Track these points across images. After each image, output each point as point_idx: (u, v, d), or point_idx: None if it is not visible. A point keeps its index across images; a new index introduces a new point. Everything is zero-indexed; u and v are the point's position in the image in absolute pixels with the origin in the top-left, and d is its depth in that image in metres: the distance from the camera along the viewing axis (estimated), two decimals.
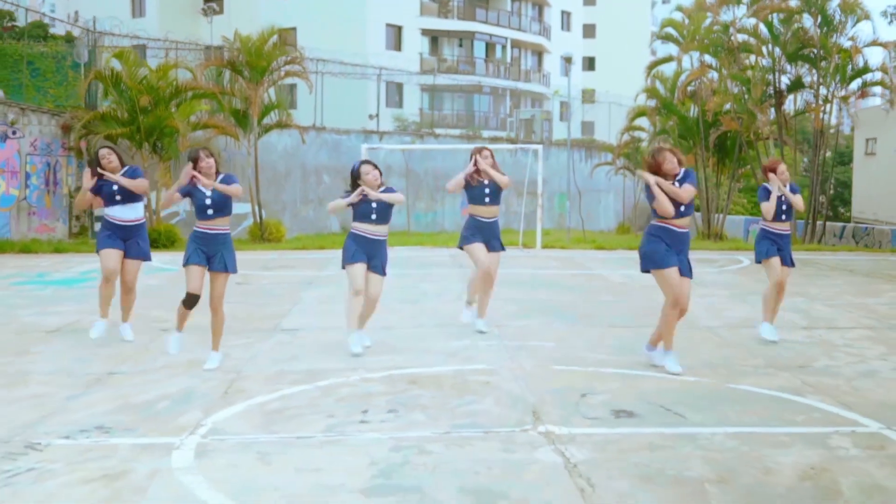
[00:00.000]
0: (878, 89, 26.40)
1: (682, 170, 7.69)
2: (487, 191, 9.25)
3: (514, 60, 55.64)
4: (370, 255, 8.35)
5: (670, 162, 7.58)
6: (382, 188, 8.45)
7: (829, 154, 26.60)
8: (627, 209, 38.78)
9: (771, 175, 9.05)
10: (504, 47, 54.99)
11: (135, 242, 8.98)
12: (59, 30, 37.45)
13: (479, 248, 9.25)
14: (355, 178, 8.39)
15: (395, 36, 48.91)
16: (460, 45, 53.61)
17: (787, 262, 9.15)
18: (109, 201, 8.83)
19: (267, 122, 24.25)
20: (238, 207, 26.54)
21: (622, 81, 53.77)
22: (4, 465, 5.03)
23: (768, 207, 9.00)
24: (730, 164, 29.27)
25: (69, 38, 29.69)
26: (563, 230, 27.66)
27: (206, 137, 22.96)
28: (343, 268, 8.43)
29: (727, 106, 27.32)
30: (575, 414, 6.16)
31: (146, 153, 21.35)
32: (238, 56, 23.24)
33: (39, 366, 7.75)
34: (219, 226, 7.62)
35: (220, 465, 5.09)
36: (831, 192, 26.79)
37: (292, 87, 33.90)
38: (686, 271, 7.74)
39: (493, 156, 9.36)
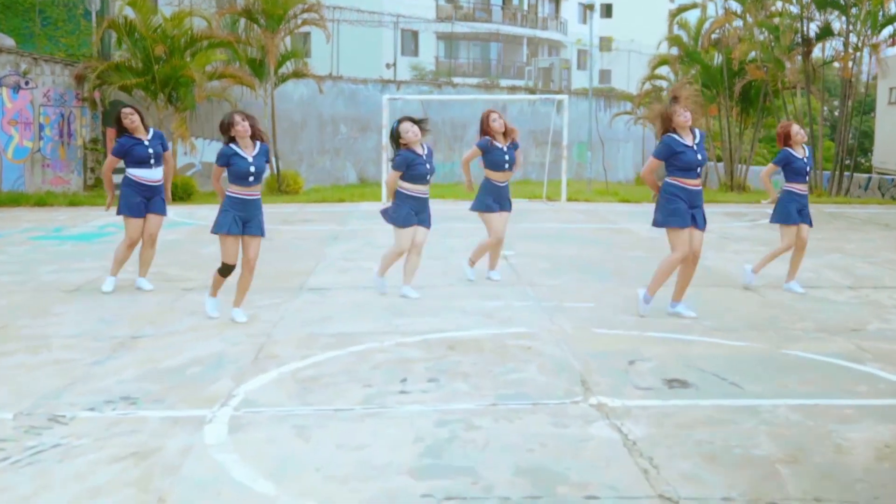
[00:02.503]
0: None
1: (699, 134, 7.53)
2: (507, 157, 9.20)
3: (531, 7, 54.68)
4: (419, 212, 8.51)
5: (681, 116, 7.56)
6: (424, 151, 8.39)
7: (849, 103, 25.88)
8: (647, 159, 38.23)
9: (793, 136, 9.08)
10: None
11: (158, 199, 8.94)
12: None
13: (496, 217, 9.31)
14: (396, 139, 8.24)
15: None
16: None
17: (809, 221, 9.26)
18: (140, 164, 8.73)
19: (283, 72, 23.79)
20: None
21: (640, 29, 52.81)
22: (29, 441, 4.76)
23: (772, 170, 9.50)
24: (753, 113, 28.69)
25: None
26: (584, 181, 27.19)
27: (223, 87, 22.53)
28: (396, 225, 8.52)
29: (752, 54, 26.70)
30: (625, 383, 5.84)
31: (161, 104, 20.96)
32: (254, 4, 22.70)
33: (62, 328, 7.47)
34: (256, 191, 7.51)
35: (256, 440, 4.80)
36: (852, 141, 26.13)
37: (307, 35, 33.32)
38: (701, 224, 7.81)
39: (501, 115, 9.28)
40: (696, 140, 7.57)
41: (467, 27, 44.49)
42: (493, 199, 9.22)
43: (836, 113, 29.29)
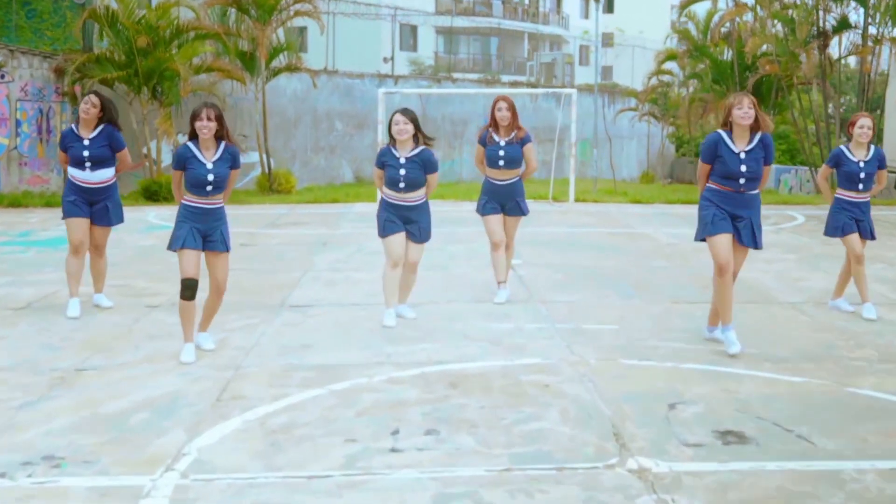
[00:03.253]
0: None
1: (758, 136, 6.33)
2: (502, 153, 8.07)
3: (532, 2, 53.55)
4: (407, 221, 7.28)
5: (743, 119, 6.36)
6: (416, 149, 7.13)
7: (866, 99, 24.75)
8: (652, 157, 37.08)
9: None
10: None
11: (103, 207, 7.70)
12: None
13: (492, 219, 8.22)
14: (390, 124, 7.18)
15: None
16: None
17: (867, 233, 7.81)
18: (76, 164, 7.59)
19: (276, 66, 22.64)
20: (245, 157, 25.09)
21: (642, 24, 51.74)
22: None
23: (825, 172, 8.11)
24: (765, 110, 27.56)
25: None
26: (589, 180, 26.03)
27: (211, 81, 21.38)
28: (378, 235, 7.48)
29: (763, 48, 25.58)
30: (669, 437, 4.73)
31: (145, 98, 19.81)
32: None
33: None
34: (217, 201, 6.32)
35: None
36: None
37: (302, 29, 32.19)
38: (747, 239, 6.54)
39: (512, 108, 8.08)
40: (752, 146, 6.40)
41: (467, 21, 43.37)
42: (487, 199, 8.18)
43: (843, 110, 28.11)
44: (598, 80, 27.76)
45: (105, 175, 7.62)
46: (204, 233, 6.25)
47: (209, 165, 6.14)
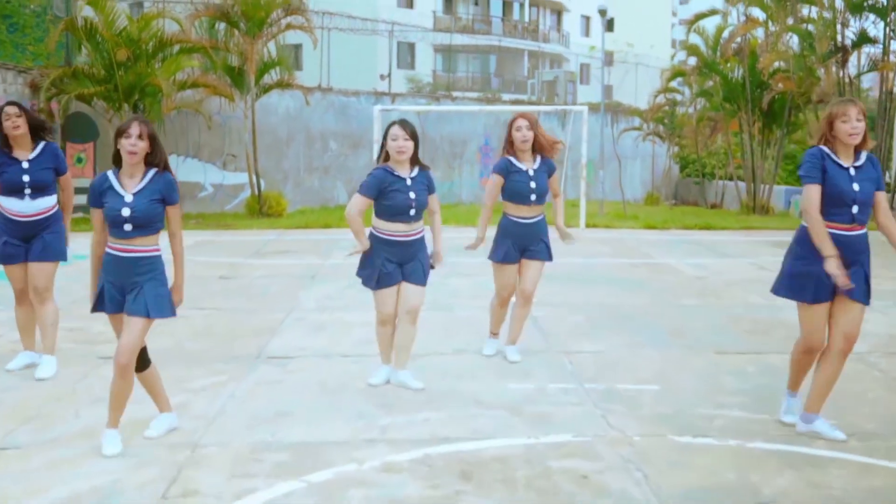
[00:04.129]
0: None
1: (864, 154, 4.98)
2: (534, 185, 6.52)
3: (533, 22, 52.65)
4: (403, 262, 5.93)
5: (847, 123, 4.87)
6: (415, 169, 5.86)
7: (887, 117, 23.65)
8: (656, 177, 35.95)
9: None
10: (522, 5, 52.02)
11: (40, 240, 6.28)
12: None
13: (511, 270, 6.67)
14: (384, 138, 5.88)
15: None
16: (476, 3, 50.69)
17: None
18: (11, 191, 6.20)
19: (266, 82, 21.48)
20: (235, 178, 23.88)
21: (642, 43, 50.88)
22: None
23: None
24: (777, 129, 26.44)
25: None
26: (595, 202, 24.86)
27: (197, 99, 20.24)
28: (365, 285, 6.12)
29: (775, 64, 24.49)
30: None
31: (126, 115, 18.63)
32: (233, 6, 20.43)
33: None
34: (141, 248, 4.76)
35: None
36: None
37: (297, 47, 31.08)
38: (859, 291, 4.93)
39: (535, 124, 6.53)
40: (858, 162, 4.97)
41: (467, 39, 42.38)
42: (511, 244, 6.59)
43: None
44: (603, 98, 26.62)
45: (46, 204, 6.31)
46: (121, 289, 4.76)
47: (128, 198, 4.70)
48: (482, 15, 50.20)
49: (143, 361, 4.93)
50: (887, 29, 22.32)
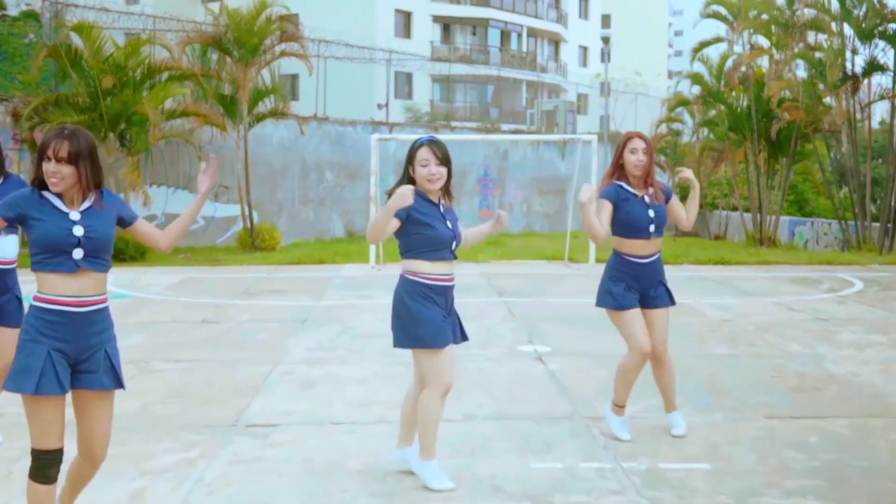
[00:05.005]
0: None
1: None
2: (653, 214, 5.43)
3: (531, 53, 52.09)
4: (448, 310, 4.76)
5: None
6: (442, 204, 4.75)
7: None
8: None
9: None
10: (520, 35, 51.47)
11: (11, 298, 5.21)
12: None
13: (635, 316, 5.49)
14: (409, 163, 4.67)
15: (405, 22, 45.43)
16: (473, 34, 50.14)
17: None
18: None
19: (260, 111, 20.63)
20: (226, 210, 22.95)
21: (640, 73, 50.28)
22: None
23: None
24: (782, 159, 25.61)
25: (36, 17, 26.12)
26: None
27: (188, 128, 19.38)
28: (423, 346, 4.68)
29: (782, 93, 23.70)
30: None
31: (112, 145, 17.74)
32: (226, 33, 19.61)
33: None
34: (96, 292, 3.65)
35: None
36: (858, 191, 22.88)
37: (294, 77, 30.32)
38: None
39: (651, 152, 5.44)
40: None
41: (466, 68, 41.73)
42: (626, 286, 5.50)
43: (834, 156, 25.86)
44: (607, 127, 25.81)
45: (10, 250, 5.21)
46: (73, 356, 3.61)
47: (73, 215, 3.61)
48: (480, 45, 49.65)
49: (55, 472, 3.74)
50: None
